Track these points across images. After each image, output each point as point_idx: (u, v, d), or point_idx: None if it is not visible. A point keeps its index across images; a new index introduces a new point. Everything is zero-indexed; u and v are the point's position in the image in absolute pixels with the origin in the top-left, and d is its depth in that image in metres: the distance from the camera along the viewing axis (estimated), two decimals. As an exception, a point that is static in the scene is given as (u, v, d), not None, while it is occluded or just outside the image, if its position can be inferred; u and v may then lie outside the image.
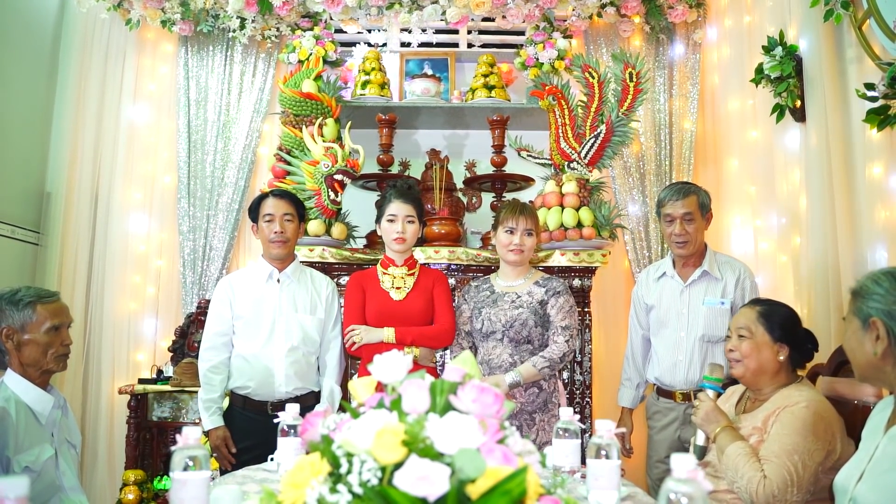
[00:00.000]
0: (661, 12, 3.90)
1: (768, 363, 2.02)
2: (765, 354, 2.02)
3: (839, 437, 1.86)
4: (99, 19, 4.00)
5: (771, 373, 2.03)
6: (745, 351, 2.05)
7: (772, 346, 2.02)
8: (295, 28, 3.96)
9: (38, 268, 3.86)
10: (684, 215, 2.71)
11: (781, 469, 1.79)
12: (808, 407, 1.87)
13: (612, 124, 3.36)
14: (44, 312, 2.02)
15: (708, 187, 3.92)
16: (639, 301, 2.98)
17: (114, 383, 3.86)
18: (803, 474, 1.79)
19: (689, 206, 2.71)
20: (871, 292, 1.57)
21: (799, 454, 1.80)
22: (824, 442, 1.83)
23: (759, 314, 2.06)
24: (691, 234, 2.71)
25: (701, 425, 2.04)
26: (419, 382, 1.12)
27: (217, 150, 4.00)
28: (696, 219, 2.72)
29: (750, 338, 2.05)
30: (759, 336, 2.04)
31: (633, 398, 3.04)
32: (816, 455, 1.81)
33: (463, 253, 3.42)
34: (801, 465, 1.79)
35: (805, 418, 1.85)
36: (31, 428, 1.97)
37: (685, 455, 1.04)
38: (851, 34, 2.65)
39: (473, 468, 0.95)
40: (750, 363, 2.04)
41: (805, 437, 1.82)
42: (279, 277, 2.82)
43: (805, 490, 1.80)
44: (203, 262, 3.94)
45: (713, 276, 2.75)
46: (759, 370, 2.03)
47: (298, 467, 1.09)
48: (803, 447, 1.81)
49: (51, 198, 3.93)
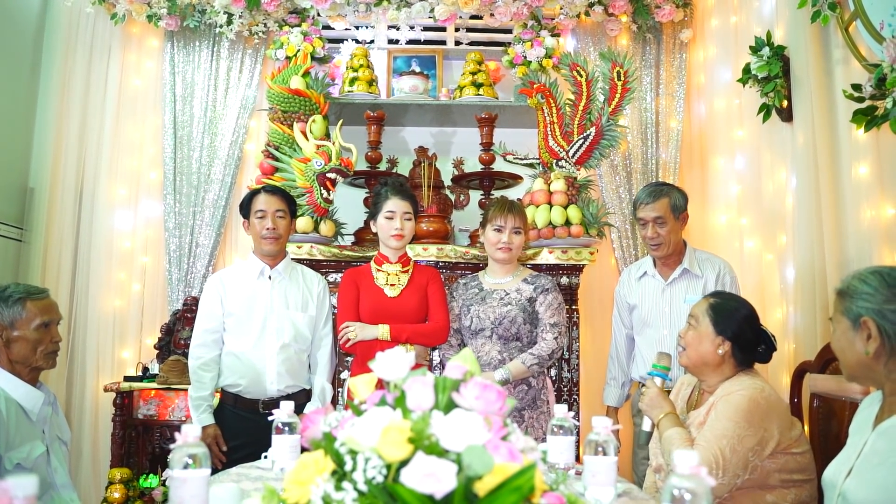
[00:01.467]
0: (648, 12, 3.92)
1: (708, 355, 2.02)
2: (705, 346, 2.03)
3: (777, 424, 1.88)
4: (83, 13, 3.96)
5: (713, 365, 2.03)
6: (689, 339, 2.07)
7: (713, 338, 2.02)
8: (282, 24, 3.93)
9: (21, 264, 3.81)
10: (655, 219, 2.76)
11: (707, 453, 1.81)
12: (743, 394, 1.89)
13: (602, 127, 3.38)
14: (34, 309, 2.00)
15: (694, 186, 4.00)
16: (622, 300, 3.01)
17: (99, 381, 3.82)
18: (730, 458, 1.81)
19: (660, 209, 2.75)
20: (860, 292, 1.58)
21: (728, 439, 1.83)
22: (757, 428, 1.85)
23: (710, 306, 2.07)
24: (664, 237, 2.76)
25: (646, 411, 2.11)
26: (423, 379, 1.12)
27: (203, 147, 3.97)
28: (668, 221, 2.76)
29: (695, 327, 2.06)
30: (703, 327, 2.04)
31: (618, 397, 3.07)
32: (747, 441, 1.83)
33: (451, 250, 3.43)
34: (728, 450, 1.82)
35: (738, 405, 1.87)
36: (22, 425, 1.95)
37: (688, 451, 1.05)
38: (838, 35, 2.68)
39: (482, 465, 0.95)
40: (691, 353, 2.06)
41: (736, 422, 1.84)
42: (270, 274, 2.81)
43: (733, 474, 1.83)
44: (189, 258, 3.91)
45: (693, 273, 2.80)
46: (699, 360, 2.05)
47: (302, 465, 1.09)
48: (733, 432, 1.83)
49: (34, 193, 3.88)
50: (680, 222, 2.82)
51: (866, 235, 2.49)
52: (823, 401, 2.29)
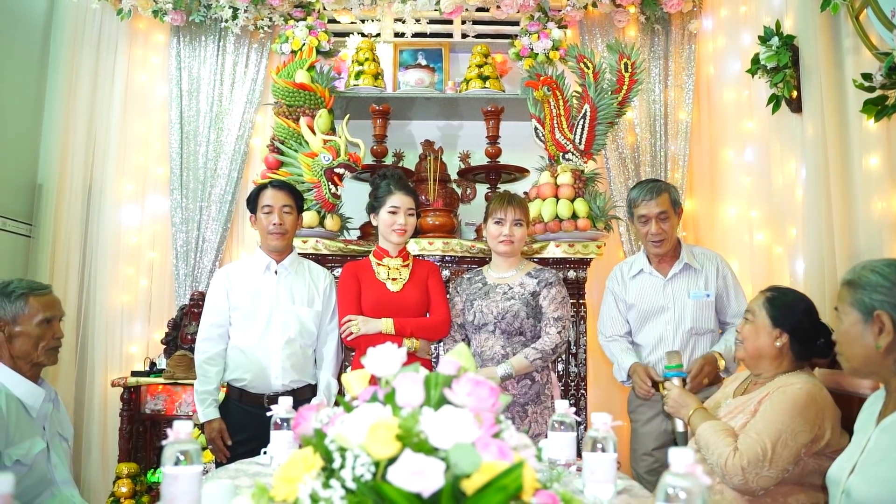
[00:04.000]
0: (657, 2, 3.88)
1: (766, 347, 2.00)
2: (762, 338, 2.00)
3: (830, 424, 1.84)
4: (90, 9, 3.96)
5: (769, 357, 2.00)
6: (745, 333, 2.05)
7: (770, 331, 1.99)
8: (288, 18, 3.91)
9: (30, 260, 3.83)
10: (659, 214, 2.71)
11: (756, 444, 1.78)
12: (801, 388, 1.85)
13: (592, 101, 3.33)
14: (36, 305, 2.00)
15: (703, 179, 3.96)
16: (618, 295, 2.90)
17: (107, 376, 3.84)
18: (781, 452, 1.77)
19: (663, 204, 2.71)
20: (874, 284, 1.53)
21: (781, 432, 1.78)
22: (812, 425, 1.80)
23: (767, 300, 2.05)
24: (667, 232, 2.72)
25: (675, 412, 2.11)
26: (413, 376, 1.10)
27: (210, 141, 3.97)
28: (671, 216, 2.74)
29: (752, 321, 2.04)
30: (760, 320, 2.02)
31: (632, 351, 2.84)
32: (801, 436, 1.79)
33: (457, 244, 3.41)
34: (780, 443, 1.77)
35: (796, 398, 1.83)
36: (22, 421, 1.95)
37: (684, 449, 1.03)
38: (848, 24, 2.63)
39: (469, 463, 0.93)
40: (748, 346, 2.04)
41: (792, 416, 1.80)
42: (277, 269, 2.79)
43: (782, 469, 1.78)
44: (196, 253, 3.91)
45: (693, 267, 2.77)
46: (756, 353, 2.02)
47: (291, 462, 1.07)
48: (788, 425, 1.79)
49: (42, 189, 3.90)
50: (678, 217, 2.81)
51: (877, 227, 2.44)
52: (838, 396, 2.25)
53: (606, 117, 3.36)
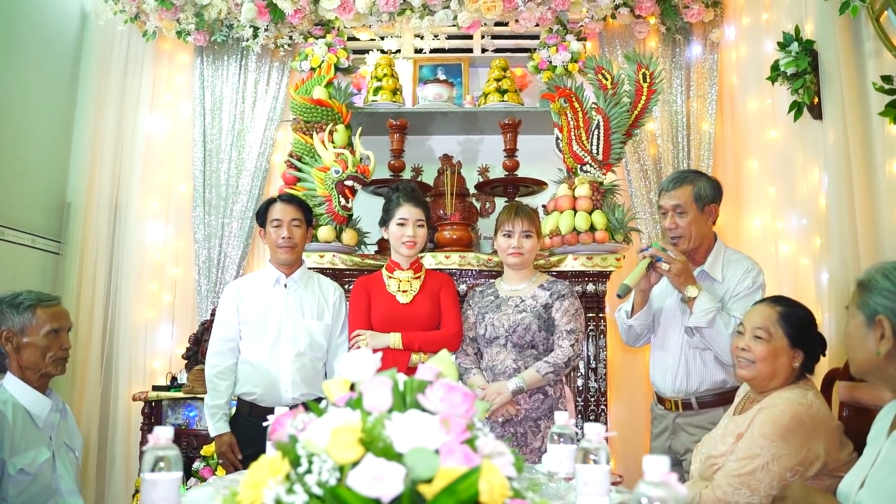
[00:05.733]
0: (677, 12, 3.82)
1: (783, 369, 1.86)
2: (781, 360, 1.86)
3: (824, 444, 1.72)
4: (118, 32, 4.07)
5: (783, 378, 1.87)
6: (761, 354, 1.88)
7: (789, 351, 1.86)
8: (308, 36, 3.97)
9: (58, 276, 3.92)
10: (675, 207, 2.44)
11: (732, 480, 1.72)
12: (784, 410, 1.75)
13: (604, 111, 3.28)
14: (43, 316, 2.03)
15: (728, 190, 3.80)
16: None
17: (130, 390, 3.89)
18: (762, 477, 1.69)
19: (681, 196, 2.44)
20: (882, 288, 1.47)
21: (760, 458, 1.70)
22: (798, 447, 1.70)
23: (781, 315, 1.89)
24: (683, 228, 2.43)
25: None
26: (382, 380, 1.08)
27: (231, 159, 4.02)
28: (689, 211, 2.43)
29: (768, 340, 1.88)
30: (778, 340, 1.87)
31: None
32: (784, 460, 1.69)
33: (474, 258, 3.38)
34: (760, 470, 1.69)
35: (778, 421, 1.73)
36: (28, 431, 1.97)
37: (659, 457, 0.98)
38: (869, 27, 2.56)
39: (425, 467, 0.91)
40: (763, 368, 1.87)
41: (772, 440, 1.71)
42: (286, 283, 2.80)
43: (765, 494, 1.70)
44: (218, 269, 3.95)
45: (712, 277, 2.46)
46: (771, 376, 1.88)
47: (258, 466, 1.06)
48: (767, 451, 1.70)
49: (71, 208, 3.99)
50: (705, 215, 2.46)
51: (902, 234, 2.35)
52: (854, 410, 2.16)
53: (620, 126, 3.30)
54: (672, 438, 2.46)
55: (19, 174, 3.66)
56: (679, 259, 2.32)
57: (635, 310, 2.52)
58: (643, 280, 2.40)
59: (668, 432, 2.48)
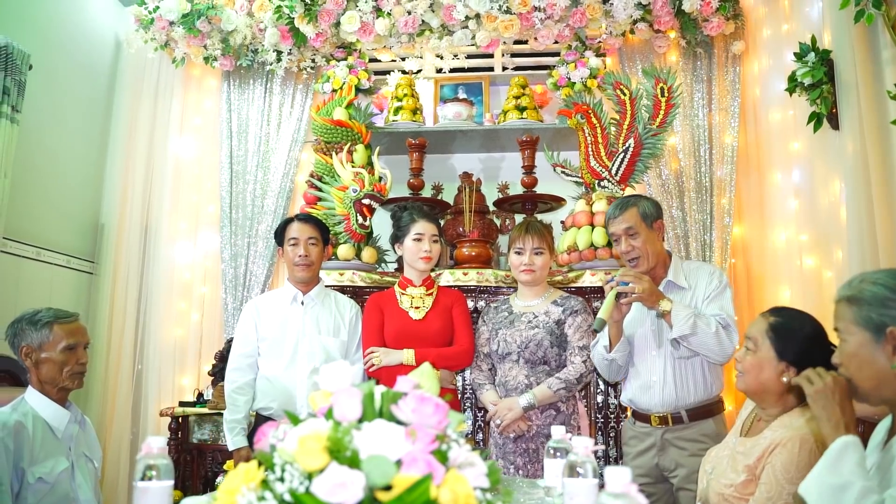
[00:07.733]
0: (696, 26, 3.80)
1: (770, 382, 1.76)
2: (766, 373, 1.76)
3: None
4: (149, 59, 4.22)
5: (775, 393, 1.76)
6: (747, 366, 1.80)
7: (776, 364, 1.74)
8: (330, 59, 4.05)
9: (91, 295, 4.06)
10: (626, 230, 2.48)
11: None
12: (801, 445, 1.66)
13: (640, 137, 3.29)
14: (60, 332, 2.11)
15: (751, 203, 3.80)
16: None
17: (160, 406, 3.97)
18: None
19: (629, 219, 2.48)
20: (881, 297, 1.38)
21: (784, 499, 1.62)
22: None
23: (770, 326, 1.77)
24: (640, 248, 2.47)
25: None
26: (352, 391, 1.10)
27: (257, 180, 4.12)
28: (640, 231, 2.47)
29: (754, 352, 1.79)
30: (764, 352, 1.76)
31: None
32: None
33: (491, 275, 3.39)
34: None
35: (795, 460, 1.65)
36: (48, 441, 2.05)
37: (620, 468, 0.98)
38: (885, 35, 2.53)
39: (380, 474, 0.93)
40: (749, 380, 1.80)
41: (790, 480, 1.63)
42: (303, 300, 2.86)
43: None
44: (244, 288, 4.03)
45: (678, 285, 2.48)
46: (760, 388, 1.78)
47: (234, 474, 1.09)
48: (789, 492, 1.62)
49: (104, 229, 4.14)
50: (655, 231, 2.51)
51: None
52: (867, 425, 2.09)
53: (650, 156, 3.32)
54: (660, 455, 2.43)
55: (55, 197, 3.81)
56: (644, 279, 2.31)
57: (613, 343, 2.49)
58: (615, 311, 2.37)
59: (654, 449, 2.45)
